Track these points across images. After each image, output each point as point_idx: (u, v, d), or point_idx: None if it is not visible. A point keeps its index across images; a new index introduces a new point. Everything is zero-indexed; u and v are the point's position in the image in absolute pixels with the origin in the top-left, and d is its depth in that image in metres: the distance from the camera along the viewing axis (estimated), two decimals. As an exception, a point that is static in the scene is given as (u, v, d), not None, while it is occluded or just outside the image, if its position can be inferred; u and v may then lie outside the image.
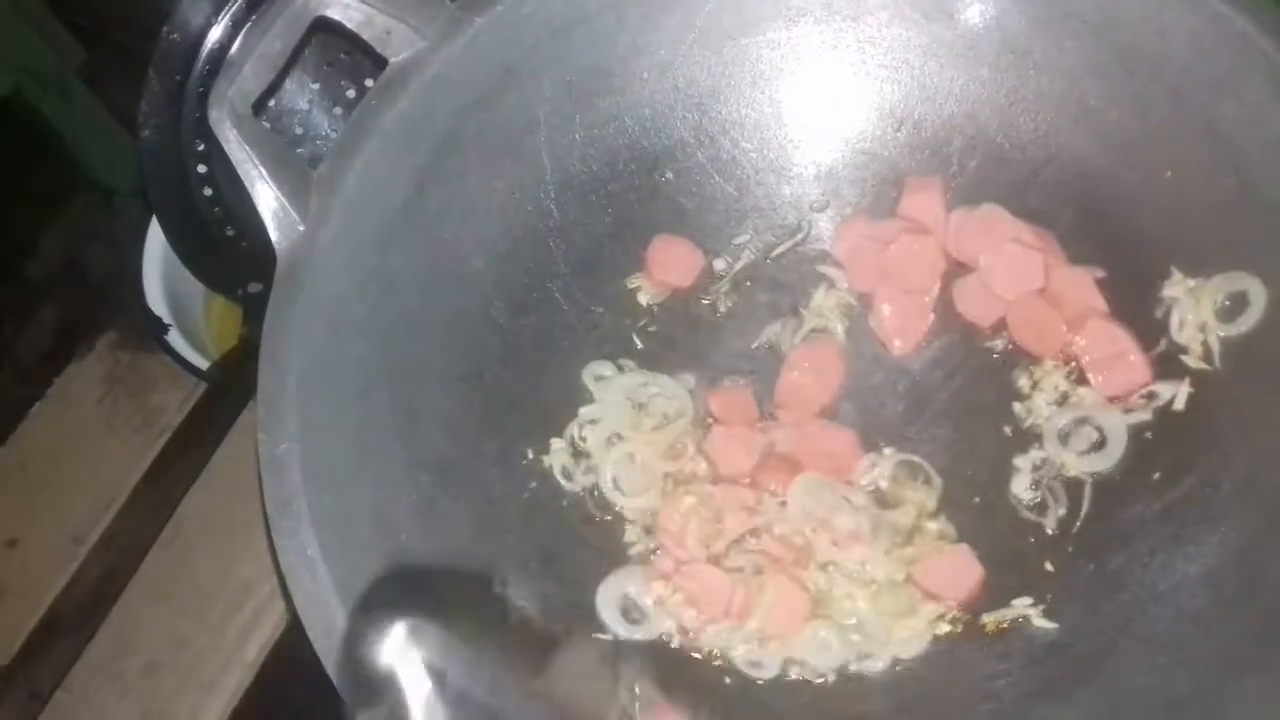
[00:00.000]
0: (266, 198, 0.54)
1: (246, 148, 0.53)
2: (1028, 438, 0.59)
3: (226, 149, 0.54)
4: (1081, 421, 0.58)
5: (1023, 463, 0.58)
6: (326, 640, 0.47)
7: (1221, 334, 0.56)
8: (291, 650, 0.74)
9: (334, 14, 0.55)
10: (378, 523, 0.51)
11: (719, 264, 0.65)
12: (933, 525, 0.58)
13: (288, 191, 0.54)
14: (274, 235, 0.53)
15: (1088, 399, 0.58)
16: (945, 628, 0.55)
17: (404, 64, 0.56)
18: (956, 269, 0.62)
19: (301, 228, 0.53)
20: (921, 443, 0.60)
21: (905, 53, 0.63)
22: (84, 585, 0.73)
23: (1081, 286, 0.59)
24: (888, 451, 0.60)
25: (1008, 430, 0.59)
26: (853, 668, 0.55)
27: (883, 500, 0.59)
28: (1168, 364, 0.57)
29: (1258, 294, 0.55)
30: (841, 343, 0.63)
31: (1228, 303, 0.56)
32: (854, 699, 0.54)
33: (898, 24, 0.62)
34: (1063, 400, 0.59)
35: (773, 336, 0.63)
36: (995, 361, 0.61)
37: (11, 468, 0.84)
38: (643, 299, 0.64)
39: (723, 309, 0.64)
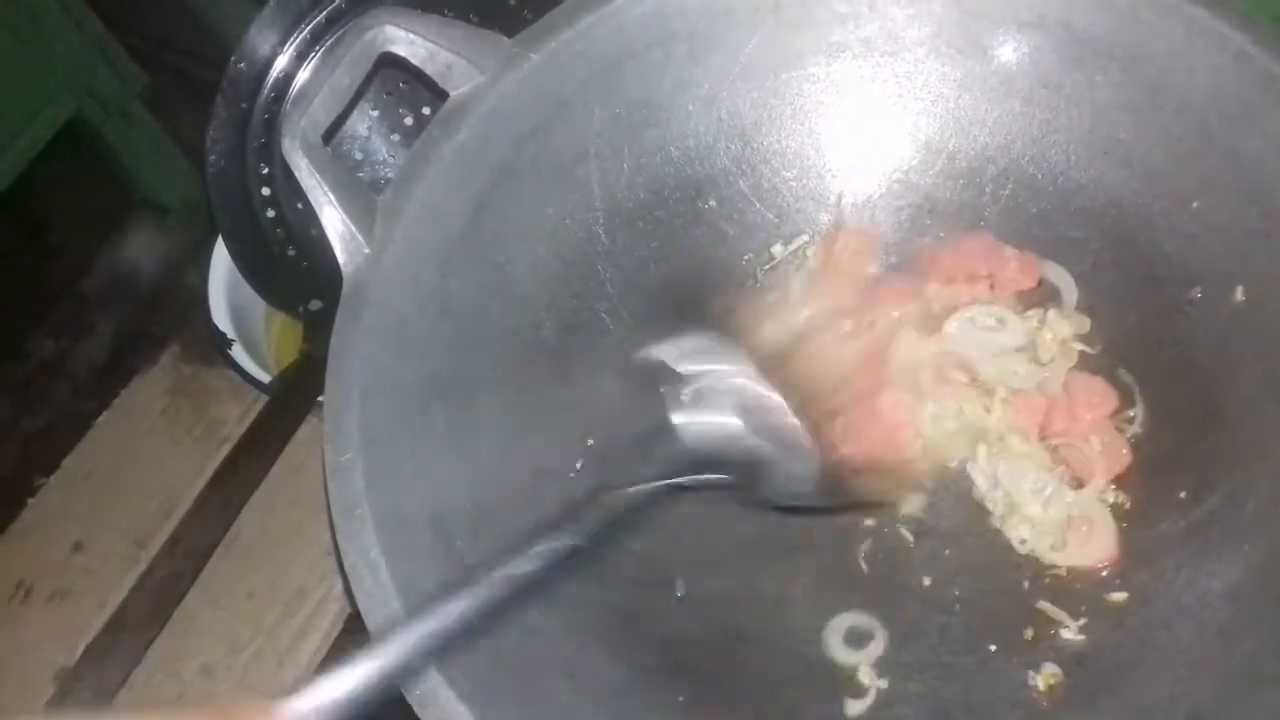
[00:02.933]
0: (334, 222, 0.56)
1: (316, 175, 0.56)
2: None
3: (298, 175, 0.57)
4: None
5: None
6: (387, 637, 0.49)
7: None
8: (344, 653, 0.77)
9: (399, 50, 0.58)
10: (435, 528, 0.54)
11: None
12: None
13: (354, 216, 0.56)
14: (341, 257, 0.56)
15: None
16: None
17: (463, 97, 0.59)
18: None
19: (366, 251, 0.56)
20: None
21: (941, 87, 0.65)
22: (147, 589, 0.76)
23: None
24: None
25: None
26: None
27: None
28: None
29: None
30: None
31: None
32: (886, 705, 0.56)
33: (934, 60, 0.64)
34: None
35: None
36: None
37: (78, 475, 0.88)
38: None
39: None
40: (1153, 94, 0.60)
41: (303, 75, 0.77)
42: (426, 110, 0.81)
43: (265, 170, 0.78)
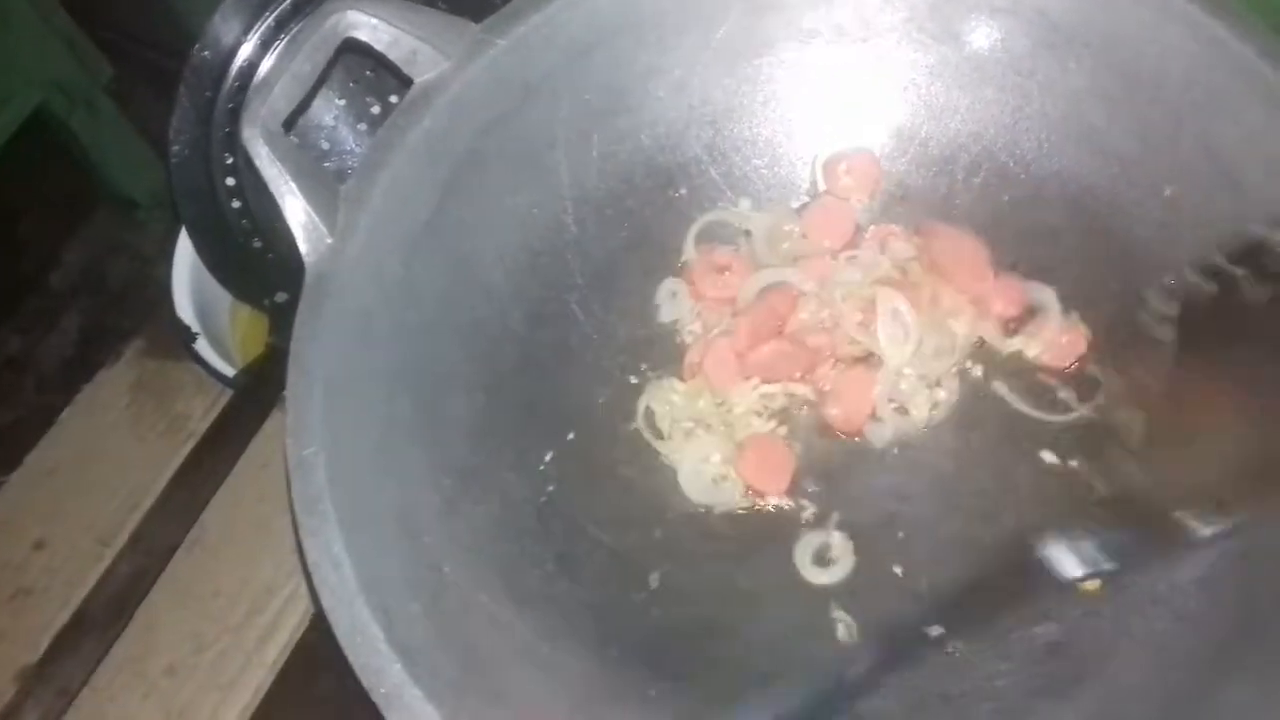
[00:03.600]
0: (296, 212, 0.55)
1: (278, 164, 0.55)
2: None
3: (258, 165, 0.56)
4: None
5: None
6: (350, 635, 0.48)
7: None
8: (311, 651, 0.76)
9: (363, 36, 0.57)
10: (401, 524, 0.53)
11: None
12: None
13: (316, 206, 0.55)
14: (303, 248, 0.55)
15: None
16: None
17: (429, 84, 0.58)
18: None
19: (329, 241, 0.55)
20: (926, 449, 0.62)
21: (913, 73, 0.65)
22: (110, 586, 0.74)
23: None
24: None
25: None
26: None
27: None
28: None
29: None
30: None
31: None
32: (862, 699, 0.56)
33: (906, 46, 0.64)
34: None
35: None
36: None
37: (40, 472, 0.86)
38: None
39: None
40: (1126, 81, 0.60)
41: (268, 63, 0.75)
42: (393, 99, 0.80)
43: (230, 160, 0.77)
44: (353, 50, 0.59)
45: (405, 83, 0.59)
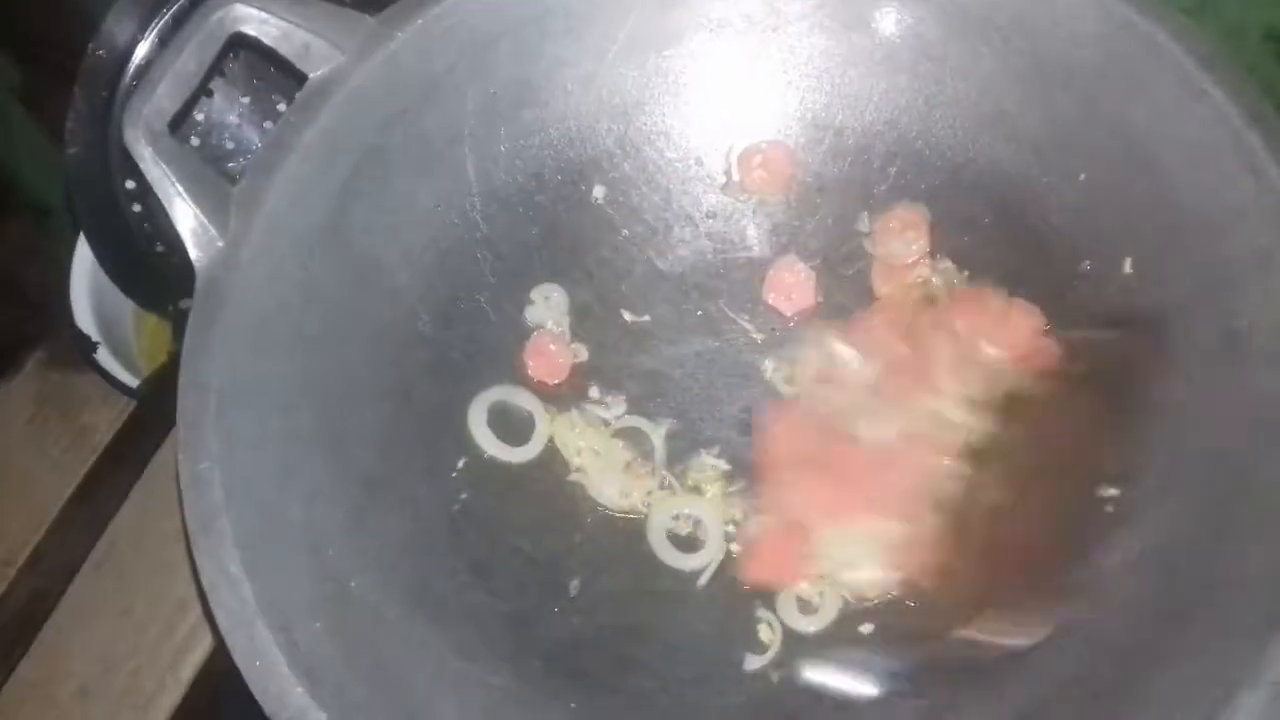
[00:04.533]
0: (185, 215, 0.53)
1: (163, 165, 0.53)
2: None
3: (142, 167, 0.53)
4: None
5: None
6: (250, 659, 0.46)
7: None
8: (227, 667, 0.73)
9: (250, 30, 0.55)
10: (304, 539, 0.51)
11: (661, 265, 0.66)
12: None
13: (207, 209, 0.53)
14: (193, 253, 0.53)
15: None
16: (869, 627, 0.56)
17: (323, 79, 0.56)
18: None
19: (221, 245, 0.53)
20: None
21: (825, 62, 0.64)
22: (12, 608, 0.72)
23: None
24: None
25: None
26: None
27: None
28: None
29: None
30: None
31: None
32: (787, 699, 0.55)
33: (817, 34, 0.63)
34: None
35: (703, 346, 0.64)
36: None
37: (-62, 493, 0.83)
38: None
39: (651, 316, 0.65)
40: (1037, 64, 0.59)
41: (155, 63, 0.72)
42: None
43: (130, 163, 0.74)
44: (245, 46, 0.57)
45: (302, 80, 0.57)
